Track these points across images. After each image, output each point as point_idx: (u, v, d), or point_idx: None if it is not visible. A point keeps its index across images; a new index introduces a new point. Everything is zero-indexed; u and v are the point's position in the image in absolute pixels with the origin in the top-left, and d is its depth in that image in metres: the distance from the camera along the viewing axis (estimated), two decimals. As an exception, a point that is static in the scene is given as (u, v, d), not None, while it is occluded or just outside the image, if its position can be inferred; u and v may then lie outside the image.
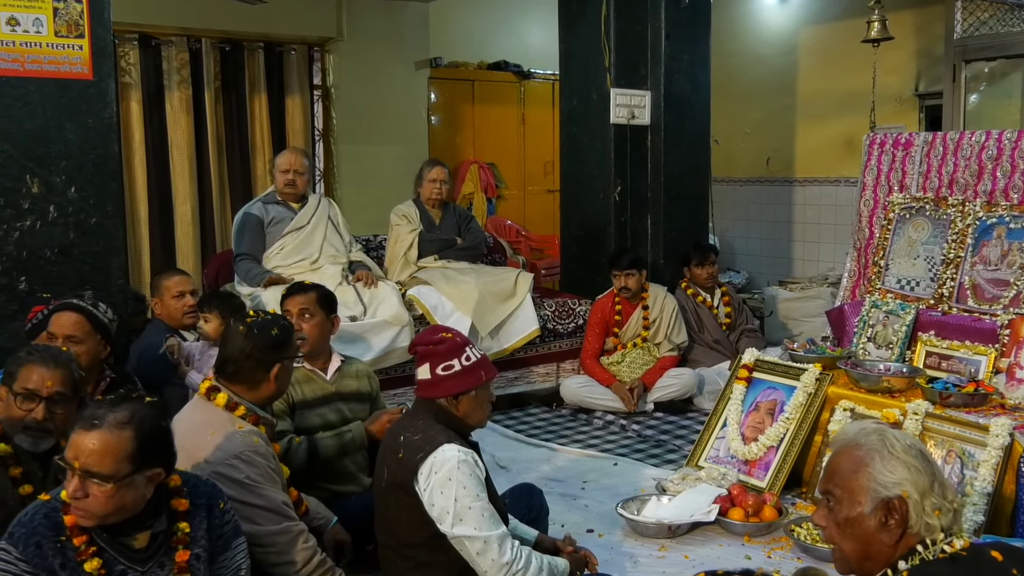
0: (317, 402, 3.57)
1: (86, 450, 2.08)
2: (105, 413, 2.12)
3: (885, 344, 4.63)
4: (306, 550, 2.76)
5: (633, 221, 6.36)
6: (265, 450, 2.75)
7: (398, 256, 5.75)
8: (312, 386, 3.58)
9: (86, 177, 4.07)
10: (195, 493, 2.32)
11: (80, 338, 3.21)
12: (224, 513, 2.37)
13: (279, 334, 2.87)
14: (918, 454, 1.90)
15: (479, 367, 2.82)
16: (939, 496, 1.87)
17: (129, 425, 2.11)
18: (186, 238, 7.51)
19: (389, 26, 8.30)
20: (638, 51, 6.27)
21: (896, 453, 1.89)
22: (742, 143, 8.56)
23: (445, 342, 2.81)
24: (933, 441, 3.69)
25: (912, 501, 1.85)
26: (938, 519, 1.85)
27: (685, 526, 3.77)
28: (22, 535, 2.11)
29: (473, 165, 8.95)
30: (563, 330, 5.92)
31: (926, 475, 1.88)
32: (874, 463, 1.90)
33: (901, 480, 1.87)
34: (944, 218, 4.74)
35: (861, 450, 1.93)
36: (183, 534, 2.25)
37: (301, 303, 3.66)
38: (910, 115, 7.24)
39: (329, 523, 3.18)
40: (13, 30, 3.88)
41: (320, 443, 3.46)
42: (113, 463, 2.07)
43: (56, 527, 2.12)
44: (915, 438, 2.01)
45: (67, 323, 3.22)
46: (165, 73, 7.35)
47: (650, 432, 5.27)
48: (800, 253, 8.20)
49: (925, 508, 1.85)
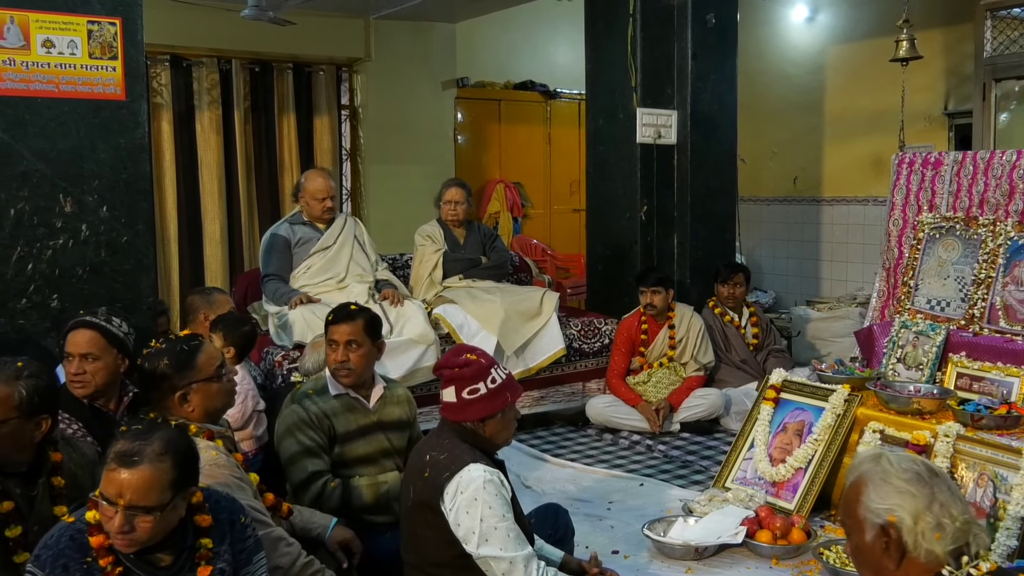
0: (359, 433, 3.46)
1: (131, 487, 2.08)
2: (142, 447, 2.12)
3: (915, 365, 4.58)
4: (288, 554, 2.73)
5: (659, 240, 6.35)
6: (225, 461, 2.72)
7: (423, 277, 5.77)
8: (354, 416, 3.46)
9: (118, 196, 4.12)
10: (217, 508, 2.32)
11: (96, 354, 3.18)
12: (245, 528, 2.38)
13: (169, 361, 2.72)
14: (913, 477, 1.92)
15: (505, 389, 2.80)
16: (937, 516, 1.87)
17: (167, 455, 2.13)
18: (215, 257, 7.59)
19: (416, 46, 8.38)
20: (664, 70, 6.28)
21: (888, 478, 1.92)
22: (769, 162, 8.53)
23: (471, 365, 2.78)
24: (964, 464, 3.64)
25: (904, 526, 1.87)
26: (939, 541, 1.86)
27: (712, 548, 3.73)
28: (48, 557, 2.12)
29: (499, 184, 8.98)
30: (589, 349, 5.90)
31: (921, 497, 1.89)
32: (867, 490, 1.94)
33: (891, 505, 1.90)
34: (975, 238, 4.69)
35: (859, 478, 1.98)
36: (206, 550, 2.25)
37: (349, 333, 3.44)
38: (939, 134, 7.19)
39: (327, 529, 3.12)
40: (48, 52, 3.95)
41: (355, 491, 3.36)
42: (158, 495, 2.10)
43: (82, 548, 2.13)
44: (916, 459, 2.01)
45: (82, 341, 3.19)
46: (196, 94, 7.45)
47: (676, 452, 5.23)
48: (828, 273, 8.15)
49: (920, 530, 1.86)
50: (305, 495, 3.33)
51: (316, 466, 3.35)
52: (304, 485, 3.34)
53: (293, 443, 3.37)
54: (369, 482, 3.42)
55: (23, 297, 3.95)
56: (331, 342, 3.48)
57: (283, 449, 3.41)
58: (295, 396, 3.49)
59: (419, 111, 8.42)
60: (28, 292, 3.96)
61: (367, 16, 8.01)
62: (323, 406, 3.43)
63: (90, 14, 4.02)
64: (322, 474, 3.36)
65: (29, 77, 3.92)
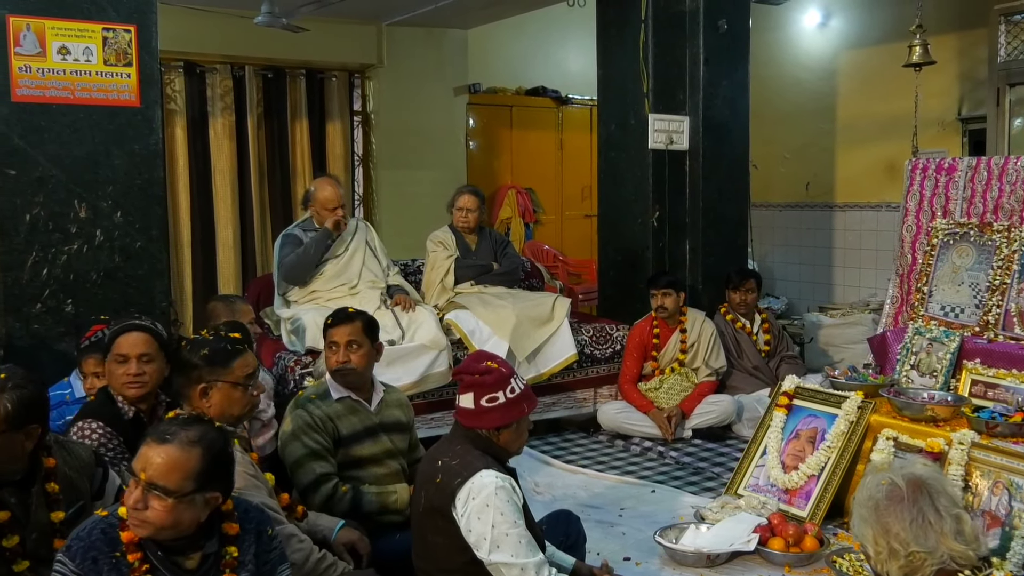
0: (363, 434, 3.52)
1: (154, 463, 2.12)
2: (177, 430, 2.17)
3: (929, 372, 4.56)
4: (300, 550, 2.76)
5: (671, 246, 6.34)
6: (241, 458, 2.74)
7: (435, 283, 5.78)
8: (358, 418, 3.53)
9: (132, 202, 4.16)
10: (245, 518, 2.35)
11: (152, 355, 3.18)
12: (272, 539, 2.40)
13: (208, 354, 2.83)
14: (872, 507, 2.09)
15: (522, 399, 2.81)
16: (890, 544, 2.04)
17: (199, 444, 2.16)
18: (227, 262, 7.62)
19: (429, 53, 8.40)
20: (676, 76, 6.27)
21: (856, 506, 2.14)
22: (781, 168, 8.51)
23: (491, 372, 2.79)
24: (979, 472, 3.61)
25: (866, 552, 2.09)
26: (897, 568, 2.03)
27: (724, 555, 3.72)
28: (79, 549, 2.15)
29: (511, 190, 8.98)
30: (600, 355, 5.89)
31: (876, 525, 2.07)
32: (854, 515, 2.17)
33: (856, 533, 2.14)
34: (989, 244, 4.67)
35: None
36: (231, 558, 2.27)
37: (348, 334, 3.55)
38: (953, 139, 7.16)
39: (333, 530, 3.13)
40: (64, 59, 3.99)
41: (364, 498, 3.41)
42: (179, 479, 2.12)
43: (112, 543, 2.16)
44: (885, 483, 2.13)
45: (138, 342, 3.17)
46: (209, 100, 7.49)
47: (688, 459, 5.22)
48: (840, 279, 8.12)
49: (880, 556, 2.06)
50: (314, 497, 3.36)
51: (324, 468, 3.39)
52: (313, 487, 3.37)
53: (299, 446, 3.41)
54: (379, 490, 3.46)
55: (38, 302, 3.99)
56: (331, 344, 3.56)
57: (288, 453, 3.44)
58: (298, 401, 3.55)
59: (431, 117, 8.44)
60: (43, 297, 3.99)
61: (379, 22, 8.04)
62: (326, 409, 3.49)
63: (105, 21, 4.06)
64: (330, 476, 3.40)
65: (45, 84, 3.96)
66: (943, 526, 2.00)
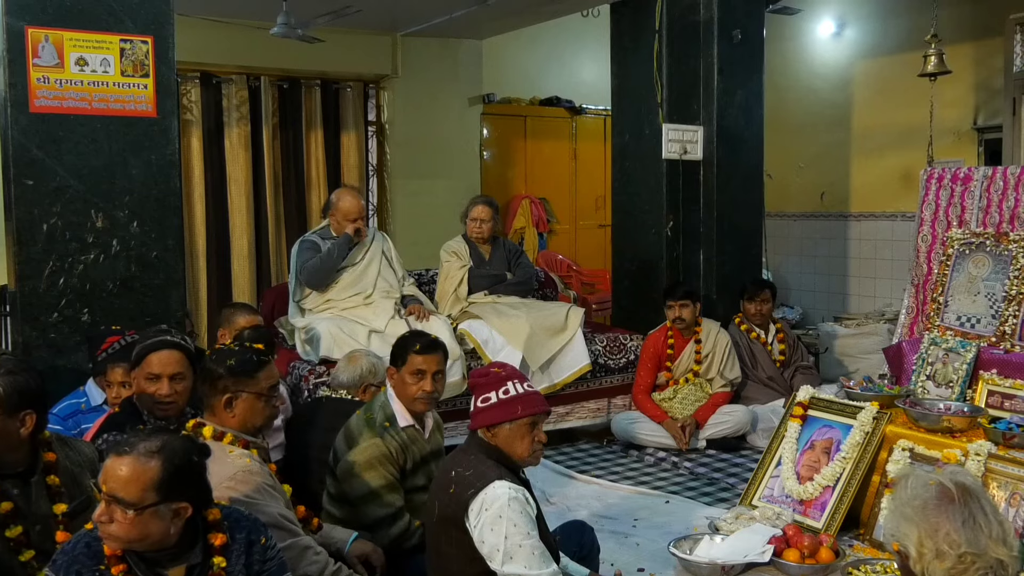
0: (419, 464, 3.43)
1: (114, 475, 2.10)
2: (137, 441, 2.14)
3: (945, 382, 4.53)
4: (316, 562, 2.75)
5: (685, 256, 6.33)
6: (259, 469, 2.74)
7: (448, 293, 5.78)
8: (417, 447, 3.42)
9: (148, 212, 4.18)
10: (235, 528, 2.31)
11: (184, 374, 3.10)
12: (266, 550, 2.35)
13: (234, 364, 2.80)
14: (920, 506, 2.02)
15: (516, 401, 2.79)
16: (939, 544, 1.97)
17: (158, 455, 2.12)
18: (242, 271, 7.65)
19: (443, 63, 8.44)
20: (690, 86, 6.27)
21: (898, 505, 2.06)
22: (796, 177, 8.49)
23: (489, 375, 2.84)
24: (996, 483, 3.58)
25: (909, 553, 2.01)
26: (942, 569, 1.96)
27: (739, 567, 3.70)
28: (63, 563, 2.16)
29: (525, 200, 8.99)
30: (614, 365, 5.89)
31: (924, 525, 1.99)
32: (887, 514, 2.13)
33: (898, 533, 2.04)
34: (1006, 254, 4.64)
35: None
36: (219, 569, 2.24)
37: (439, 364, 3.41)
38: (969, 149, 7.13)
39: (347, 542, 3.10)
40: (82, 70, 4.02)
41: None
42: (138, 491, 2.09)
43: (96, 556, 2.16)
44: (934, 483, 2.07)
45: (172, 361, 3.08)
46: (225, 110, 7.53)
47: (702, 470, 5.20)
48: (856, 289, 8.08)
49: (925, 558, 1.98)
50: (389, 530, 3.27)
51: (399, 502, 3.32)
52: (389, 521, 3.28)
53: (376, 477, 3.30)
54: None
55: (55, 311, 4.01)
56: (418, 372, 3.37)
57: (362, 483, 3.31)
58: (372, 425, 3.38)
59: (446, 127, 8.47)
60: (60, 306, 4.02)
61: (394, 33, 8.08)
62: (398, 439, 3.37)
63: (123, 32, 4.09)
64: (404, 511, 3.33)
65: (63, 95, 3.99)
66: (992, 530, 1.98)
